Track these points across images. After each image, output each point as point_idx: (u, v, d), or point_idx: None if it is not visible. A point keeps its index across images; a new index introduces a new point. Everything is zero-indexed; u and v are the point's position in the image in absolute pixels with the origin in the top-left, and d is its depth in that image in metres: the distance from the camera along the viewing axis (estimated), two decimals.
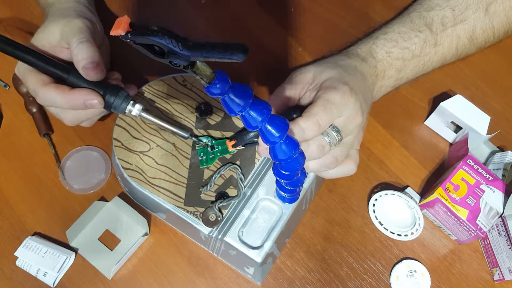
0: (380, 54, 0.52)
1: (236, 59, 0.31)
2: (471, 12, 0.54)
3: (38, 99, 0.47)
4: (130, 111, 0.49)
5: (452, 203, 0.51)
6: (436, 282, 0.52)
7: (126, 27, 0.30)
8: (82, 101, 0.46)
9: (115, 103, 0.48)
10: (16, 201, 0.55)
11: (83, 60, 0.46)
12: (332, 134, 0.42)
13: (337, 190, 0.57)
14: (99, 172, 0.56)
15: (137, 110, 0.49)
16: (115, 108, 0.48)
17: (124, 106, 0.48)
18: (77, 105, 0.47)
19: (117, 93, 0.48)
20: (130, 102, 0.48)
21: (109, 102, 0.47)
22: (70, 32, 0.48)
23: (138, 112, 0.49)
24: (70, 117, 0.49)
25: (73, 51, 0.47)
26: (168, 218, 0.53)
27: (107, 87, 0.48)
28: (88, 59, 0.46)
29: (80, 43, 0.47)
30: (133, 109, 0.49)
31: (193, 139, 0.51)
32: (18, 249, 0.50)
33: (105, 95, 0.47)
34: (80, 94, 0.46)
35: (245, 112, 0.35)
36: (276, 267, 0.53)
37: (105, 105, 0.48)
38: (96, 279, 0.51)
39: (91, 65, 0.46)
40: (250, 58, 0.35)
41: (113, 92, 0.48)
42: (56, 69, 0.47)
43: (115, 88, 0.48)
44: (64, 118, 0.50)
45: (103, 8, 0.67)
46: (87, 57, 0.46)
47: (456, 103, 0.56)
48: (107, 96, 0.47)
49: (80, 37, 0.47)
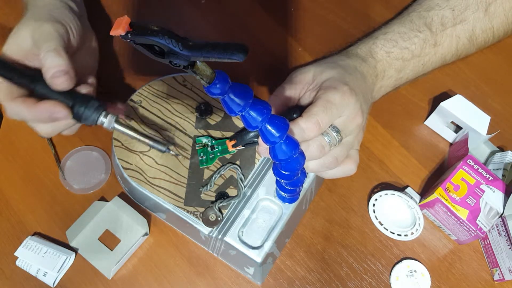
0: (380, 54, 0.52)
1: (236, 59, 0.31)
2: (470, 12, 0.54)
3: (7, 114, 0.45)
4: (102, 123, 0.45)
5: (452, 203, 0.51)
6: (436, 282, 0.52)
7: (126, 27, 0.30)
8: (47, 114, 0.43)
9: (85, 114, 0.44)
10: (16, 201, 0.55)
11: (50, 69, 0.43)
12: (332, 134, 0.42)
13: (337, 190, 0.57)
14: (99, 172, 0.56)
15: (109, 122, 0.45)
16: (85, 119, 0.44)
17: (95, 117, 0.44)
18: (43, 119, 0.44)
19: (87, 103, 0.44)
20: (102, 113, 0.44)
21: (78, 113, 0.44)
22: (40, 38, 0.45)
23: (110, 124, 0.45)
24: (44, 130, 0.46)
25: (41, 58, 0.44)
26: (168, 218, 0.53)
27: (77, 97, 0.44)
28: (55, 67, 0.43)
29: (49, 50, 0.44)
30: (105, 120, 0.44)
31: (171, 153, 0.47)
32: (18, 249, 0.50)
33: (74, 105, 0.44)
34: (45, 107, 0.43)
35: (245, 112, 0.35)
36: (276, 267, 0.53)
37: (74, 116, 0.44)
38: (96, 279, 0.51)
39: (59, 73, 0.43)
40: (250, 58, 0.35)
41: (83, 102, 0.44)
42: (22, 79, 0.43)
43: (85, 98, 0.44)
44: (38, 131, 0.46)
45: (103, 8, 0.67)
46: (54, 66, 0.43)
47: (456, 103, 0.56)
48: (76, 107, 0.44)
49: (50, 44, 0.44)
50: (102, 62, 0.56)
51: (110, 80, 0.61)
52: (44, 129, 0.46)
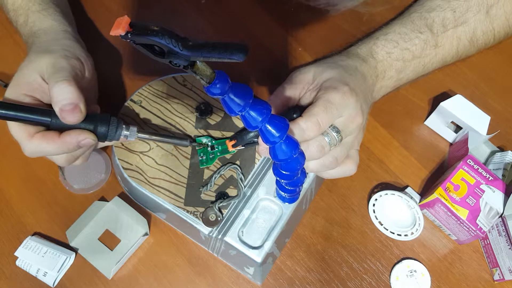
0: (381, 54, 0.52)
1: (236, 59, 0.31)
2: (472, 14, 0.54)
3: (26, 153, 0.44)
4: (126, 136, 0.46)
5: (452, 203, 0.51)
6: (436, 282, 0.52)
7: (126, 27, 0.30)
8: (75, 144, 0.43)
9: (109, 134, 0.45)
10: (16, 201, 0.55)
11: (59, 102, 0.42)
12: (332, 134, 0.42)
13: (337, 190, 0.57)
14: (99, 172, 0.56)
15: (133, 133, 0.47)
16: (111, 138, 0.45)
17: (120, 132, 0.46)
18: (71, 149, 0.44)
19: (108, 122, 0.45)
20: (123, 127, 0.46)
21: (102, 134, 0.45)
22: (51, 71, 0.44)
23: (135, 134, 0.47)
24: (64, 159, 0.46)
25: (50, 91, 0.43)
26: (168, 218, 0.53)
27: (96, 119, 0.45)
28: (64, 100, 0.42)
29: (57, 82, 0.43)
30: (128, 133, 0.46)
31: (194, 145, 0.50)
32: (18, 249, 0.50)
33: (95, 128, 0.45)
34: (71, 137, 0.43)
35: (245, 112, 0.35)
36: (276, 267, 0.53)
37: (99, 137, 0.45)
38: (96, 279, 0.51)
39: (68, 107, 0.42)
40: (250, 58, 0.35)
41: (103, 122, 0.45)
42: (35, 115, 0.43)
43: (103, 117, 0.45)
44: (57, 160, 0.46)
45: (103, 8, 0.67)
46: (63, 98, 0.42)
47: (456, 103, 0.56)
48: (99, 128, 0.45)
49: (58, 76, 0.43)
50: (102, 62, 0.56)
51: (110, 80, 0.61)
52: (64, 159, 0.46)
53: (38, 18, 0.52)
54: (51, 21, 0.52)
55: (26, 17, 0.53)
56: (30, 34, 0.52)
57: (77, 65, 0.47)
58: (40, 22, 0.52)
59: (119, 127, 0.46)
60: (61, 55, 0.46)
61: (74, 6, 0.62)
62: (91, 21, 0.66)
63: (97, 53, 0.55)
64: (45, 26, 0.52)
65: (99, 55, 0.55)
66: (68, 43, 0.50)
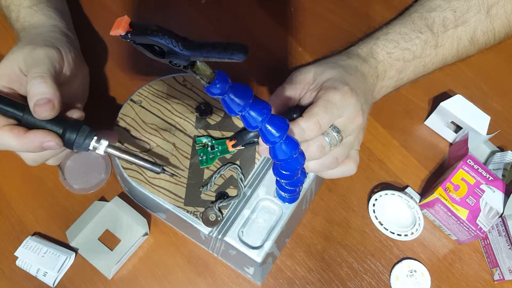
0: (381, 54, 0.52)
1: (236, 59, 0.31)
2: (472, 14, 0.54)
3: None
4: (95, 148, 0.44)
5: (452, 203, 0.51)
6: (436, 282, 0.52)
7: (126, 27, 0.30)
8: (38, 143, 0.42)
9: (77, 141, 0.43)
10: (16, 201, 0.55)
11: (34, 96, 0.41)
12: (333, 134, 0.42)
13: (337, 190, 0.57)
14: (99, 172, 0.56)
15: (102, 146, 0.44)
16: (78, 146, 0.43)
17: (88, 143, 0.43)
18: (33, 148, 0.42)
19: (79, 129, 0.43)
20: (94, 138, 0.44)
21: (70, 140, 0.43)
22: (30, 63, 0.44)
23: (103, 148, 0.44)
24: (31, 159, 0.46)
25: (26, 86, 0.43)
26: (168, 218, 0.53)
27: (67, 123, 0.43)
28: (39, 95, 0.41)
29: (34, 77, 0.42)
30: (98, 145, 0.44)
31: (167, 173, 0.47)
32: (18, 249, 0.50)
33: (64, 133, 0.43)
34: (36, 136, 0.42)
35: (245, 112, 0.35)
36: (276, 267, 0.53)
37: (66, 143, 0.43)
38: (96, 279, 0.51)
39: (41, 101, 0.41)
40: (250, 58, 0.35)
41: (74, 128, 0.43)
42: (8, 107, 0.42)
43: (76, 124, 0.43)
44: (25, 159, 0.46)
45: (103, 8, 0.67)
46: (38, 93, 0.41)
47: (456, 103, 0.56)
48: (67, 134, 0.43)
49: (36, 70, 0.43)
50: (102, 63, 0.57)
51: (111, 80, 0.61)
52: (31, 158, 0.45)
53: (29, 14, 0.53)
54: (41, 16, 0.53)
55: (17, 13, 0.53)
56: (21, 29, 0.52)
57: (55, 57, 0.46)
58: (30, 17, 0.53)
59: (88, 137, 0.44)
60: (40, 45, 0.46)
61: (74, 6, 0.62)
62: (91, 21, 0.66)
63: (97, 53, 0.55)
64: (35, 21, 0.52)
65: (99, 55, 0.56)
66: (52, 35, 0.50)
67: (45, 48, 0.45)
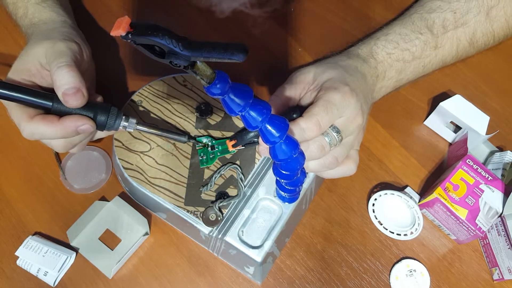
0: (381, 55, 0.52)
1: (236, 59, 0.31)
2: (472, 16, 0.54)
3: (24, 134, 0.44)
4: (124, 127, 0.48)
5: (451, 203, 0.51)
6: (436, 282, 0.52)
7: (127, 27, 0.30)
8: (73, 128, 0.44)
9: (108, 122, 0.46)
10: (17, 201, 0.55)
11: (62, 86, 0.43)
12: (333, 134, 0.42)
13: (337, 190, 0.57)
14: (99, 172, 0.56)
15: (132, 124, 0.48)
16: (109, 127, 0.47)
17: (118, 123, 0.47)
18: (69, 133, 0.44)
19: (108, 111, 0.46)
20: (123, 117, 0.47)
21: (101, 122, 0.46)
22: (52, 55, 0.45)
23: (133, 126, 0.48)
24: (62, 145, 0.47)
25: (52, 76, 0.44)
26: (168, 218, 0.53)
27: (96, 107, 0.46)
28: (67, 84, 0.43)
29: (59, 67, 0.44)
30: (127, 124, 0.48)
31: (192, 142, 0.51)
32: (19, 249, 0.50)
33: (95, 116, 0.46)
34: (71, 121, 0.44)
35: (245, 112, 0.35)
36: (276, 267, 0.53)
37: (98, 126, 0.46)
38: (96, 278, 0.51)
39: (70, 91, 0.43)
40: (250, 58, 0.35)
41: (104, 111, 0.46)
42: (38, 98, 0.44)
43: (104, 106, 0.46)
44: (55, 146, 0.47)
45: (103, 8, 0.67)
46: (66, 83, 0.43)
47: (456, 103, 0.56)
48: (98, 117, 0.46)
49: (60, 61, 0.44)
50: (103, 63, 0.57)
51: (111, 81, 0.61)
52: (61, 144, 0.47)
53: (37, 10, 0.54)
54: (50, 12, 0.54)
55: (25, 9, 0.54)
56: (29, 26, 0.53)
57: (76, 49, 0.47)
58: (39, 13, 0.53)
59: (118, 117, 0.47)
60: (60, 39, 0.47)
61: (75, 6, 0.62)
62: (92, 21, 0.66)
63: (97, 53, 0.55)
64: (45, 17, 0.53)
65: (99, 55, 0.56)
66: (66, 30, 0.51)
67: (65, 41, 0.47)
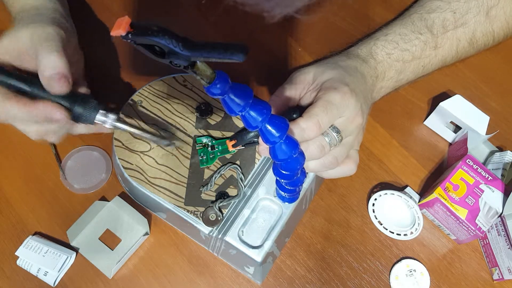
0: (381, 55, 0.52)
1: (236, 59, 0.31)
2: (472, 16, 0.54)
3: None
4: (103, 122, 0.45)
5: (451, 203, 0.51)
6: (436, 282, 0.52)
7: (127, 27, 0.30)
8: (44, 113, 0.42)
9: (84, 114, 0.44)
10: (17, 201, 0.55)
11: (47, 70, 0.42)
12: (332, 134, 0.42)
13: (337, 190, 0.57)
14: (99, 172, 0.56)
15: (110, 120, 0.45)
16: (85, 120, 0.44)
17: (94, 115, 0.44)
18: (40, 118, 0.43)
19: (86, 102, 0.44)
20: (100, 111, 0.45)
21: (77, 113, 0.44)
22: (39, 39, 0.44)
23: (111, 122, 0.45)
24: (34, 131, 0.45)
25: (39, 59, 0.43)
26: (168, 218, 0.53)
27: (75, 97, 0.44)
28: (54, 69, 0.42)
29: (48, 52, 0.43)
30: (105, 119, 0.45)
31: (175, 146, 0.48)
32: (19, 249, 0.50)
33: (72, 106, 0.44)
34: (44, 106, 0.42)
35: (245, 112, 0.35)
36: (276, 267, 0.53)
37: (73, 116, 0.44)
38: (96, 278, 0.51)
39: (57, 76, 0.42)
40: (250, 58, 0.35)
41: (82, 103, 0.44)
42: (17, 80, 0.43)
43: (83, 97, 0.44)
44: (28, 132, 0.46)
45: (103, 8, 0.67)
46: (52, 67, 0.42)
47: (456, 103, 0.56)
48: (75, 107, 0.44)
49: (49, 44, 0.43)
50: (103, 63, 0.57)
51: (111, 81, 0.61)
52: (34, 130, 0.45)
53: None
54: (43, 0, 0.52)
55: None
56: (20, 10, 0.52)
57: (63, 36, 0.46)
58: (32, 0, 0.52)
59: (95, 110, 0.44)
60: (49, 23, 0.46)
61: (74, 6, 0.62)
62: (92, 21, 0.66)
63: (97, 53, 0.55)
64: (37, 4, 0.52)
65: (99, 55, 0.56)
66: (56, 16, 0.50)
67: (54, 27, 0.46)
